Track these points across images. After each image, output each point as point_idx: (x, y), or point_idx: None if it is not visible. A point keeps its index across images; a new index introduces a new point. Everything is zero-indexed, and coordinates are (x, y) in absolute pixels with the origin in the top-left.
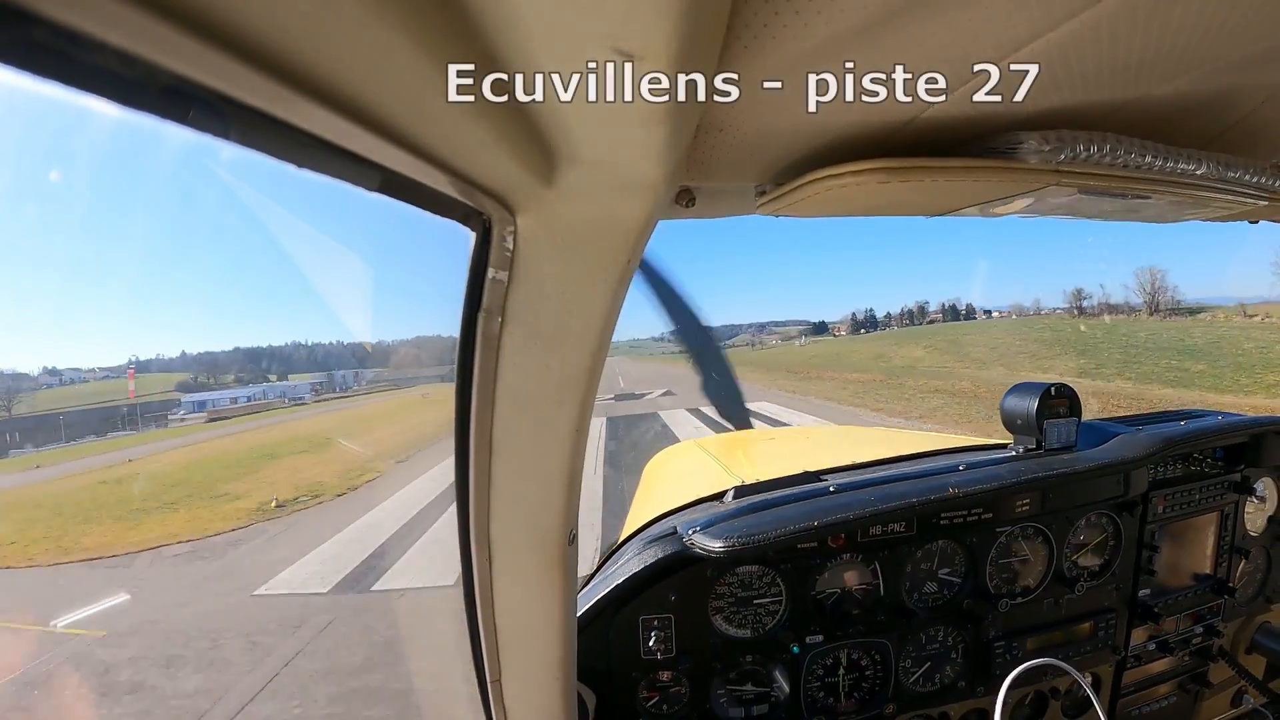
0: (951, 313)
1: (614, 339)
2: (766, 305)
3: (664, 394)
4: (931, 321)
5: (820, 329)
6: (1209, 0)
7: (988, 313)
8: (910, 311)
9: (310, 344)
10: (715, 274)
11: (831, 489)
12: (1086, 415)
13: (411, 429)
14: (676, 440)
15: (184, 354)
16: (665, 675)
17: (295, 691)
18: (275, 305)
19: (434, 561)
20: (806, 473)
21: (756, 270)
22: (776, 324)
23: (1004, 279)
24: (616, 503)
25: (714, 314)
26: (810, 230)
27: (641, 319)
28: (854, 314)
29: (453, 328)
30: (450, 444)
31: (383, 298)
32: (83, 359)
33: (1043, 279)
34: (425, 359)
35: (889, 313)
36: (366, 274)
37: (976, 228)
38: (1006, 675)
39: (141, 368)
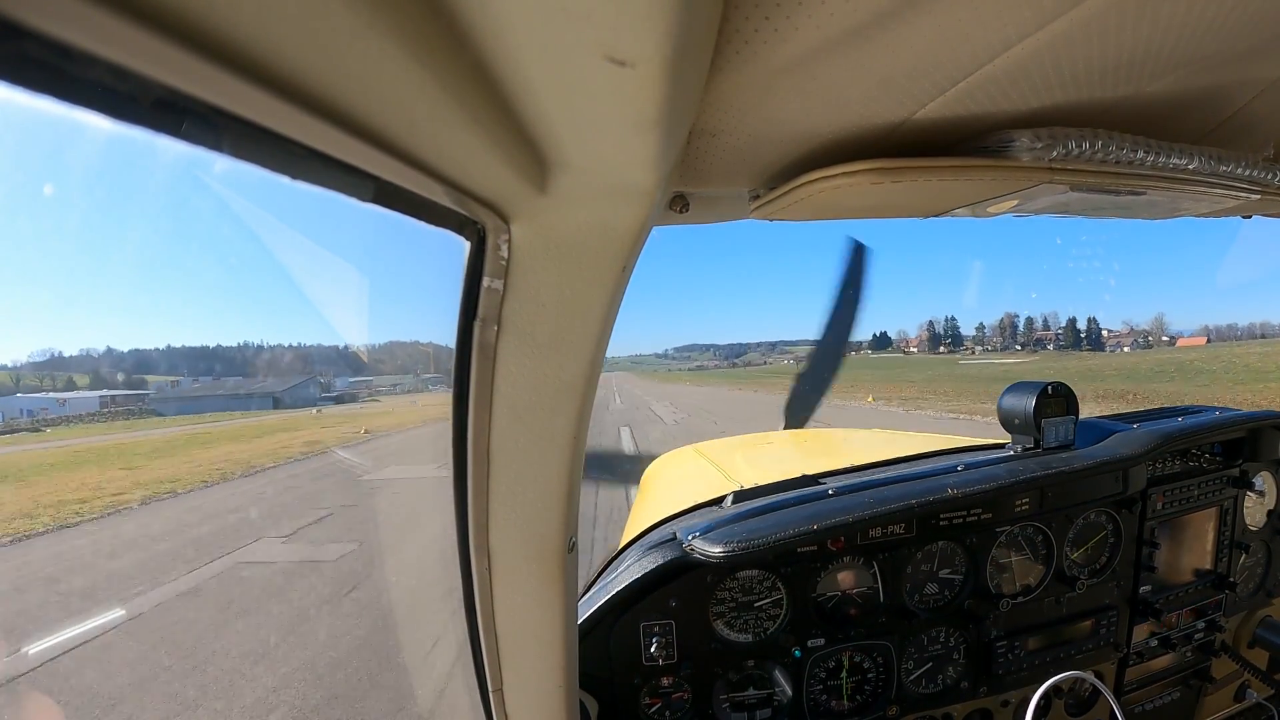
0: (1072, 334)
1: (611, 353)
2: (758, 325)
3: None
4: (1039, 341)
5: (882, 343)
6: None
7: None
8: (1014, 328)
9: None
10: (706, 288)
11: (830, 492)
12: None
13: None
14: None
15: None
16: (667, 681)
17: None
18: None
19: None
20: (805, 476)
21: (746, 288)
22: (787, 343)
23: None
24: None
25: (715, 332)
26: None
27: (641, 332)
28: (931, 322)
29: (424, 336)
30: None
31: (378, 306)
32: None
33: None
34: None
35: (982, 324)
36: (360, 282)
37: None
38: (1009, 675)
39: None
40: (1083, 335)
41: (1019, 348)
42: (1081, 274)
